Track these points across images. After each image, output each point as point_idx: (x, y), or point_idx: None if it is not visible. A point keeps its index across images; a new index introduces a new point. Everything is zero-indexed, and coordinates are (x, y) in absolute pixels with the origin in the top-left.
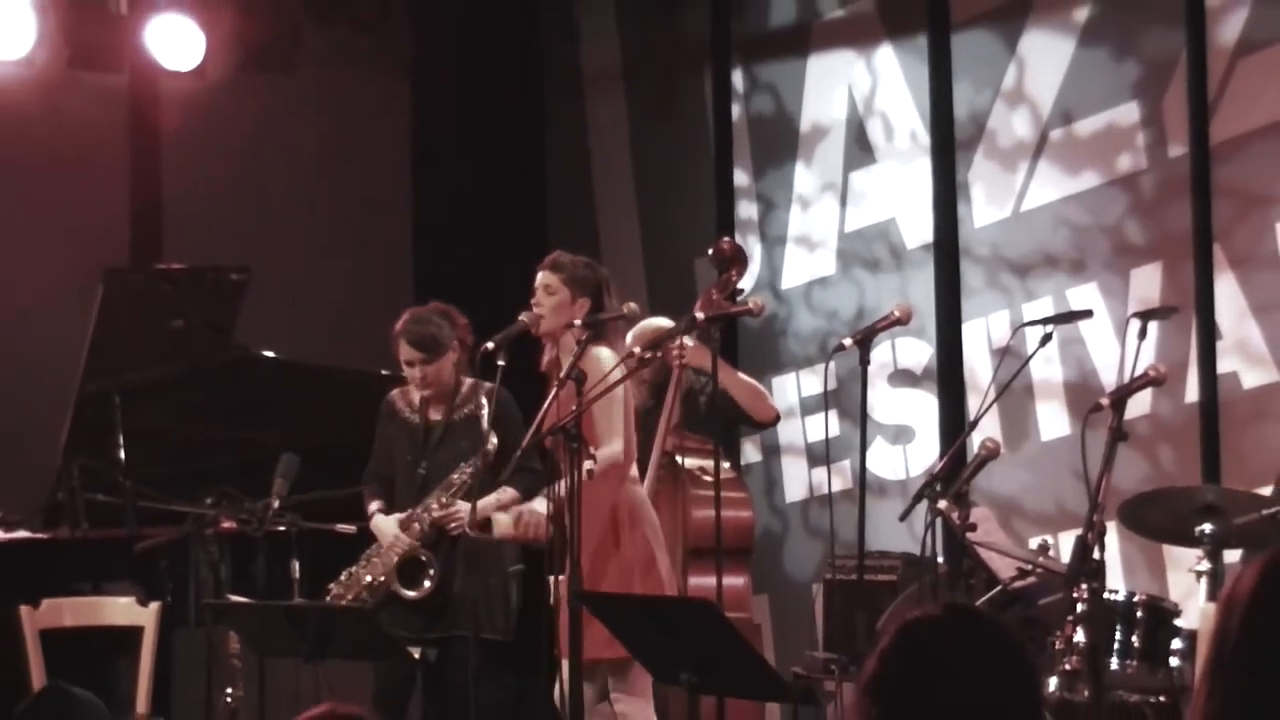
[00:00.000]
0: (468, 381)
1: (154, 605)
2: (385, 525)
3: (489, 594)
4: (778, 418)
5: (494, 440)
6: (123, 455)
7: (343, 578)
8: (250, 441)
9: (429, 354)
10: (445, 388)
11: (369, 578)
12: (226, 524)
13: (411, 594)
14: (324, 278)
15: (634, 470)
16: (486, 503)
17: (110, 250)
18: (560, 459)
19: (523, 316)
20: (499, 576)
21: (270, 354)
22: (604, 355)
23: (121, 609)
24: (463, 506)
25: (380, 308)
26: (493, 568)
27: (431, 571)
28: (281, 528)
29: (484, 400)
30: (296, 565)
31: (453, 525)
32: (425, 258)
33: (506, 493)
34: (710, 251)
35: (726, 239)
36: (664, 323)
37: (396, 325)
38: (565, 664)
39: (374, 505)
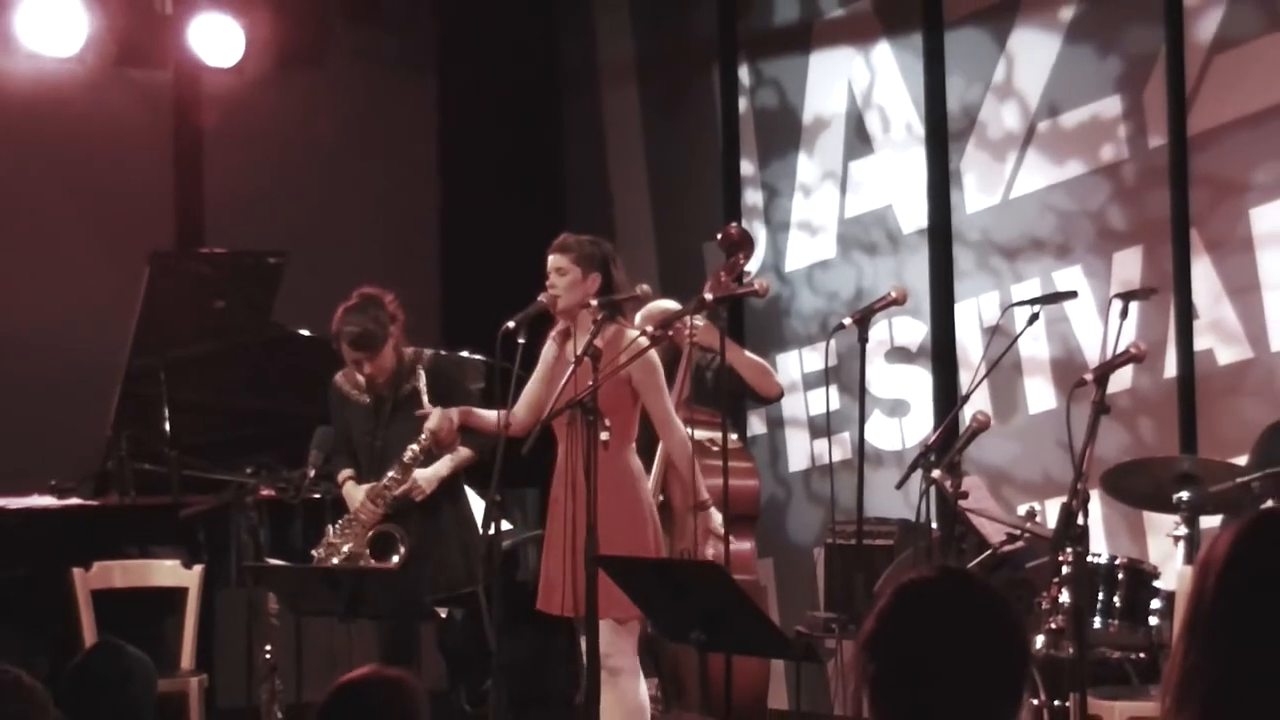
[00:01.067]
0: (408, 352)
1: (197, 568)
2: (355, 493)
3: (463, 554)
4: (782, 393)
5: (434, 420)
6: (168, 427)
7: (323, 543)
8: (287, 414)
9: (371, 350)
10: (389, 370)
11: (347, 547)
12: (265, 492)
13: (388, 564)
14: (355, 261)
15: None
16: (440, 465)
17: (157, 238)
18: (575, 431)
19: (541, 298)
20: (459, 532)
21: (305, 332)
22: (634, 336)
23: (167, 571)
24: (420, 474)
25: (408, 289)
26: (462, 528)
27: (401, 547)
28: (316, 495)
29: (420, 373)
30: (331, 529)
31: (414, 494)
32: (451, 243)
33: (461, 452)
34: (718, 236)
35: (734, 224)
36: (671, 304)
37: (333, 323)
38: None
39: (345, 473)
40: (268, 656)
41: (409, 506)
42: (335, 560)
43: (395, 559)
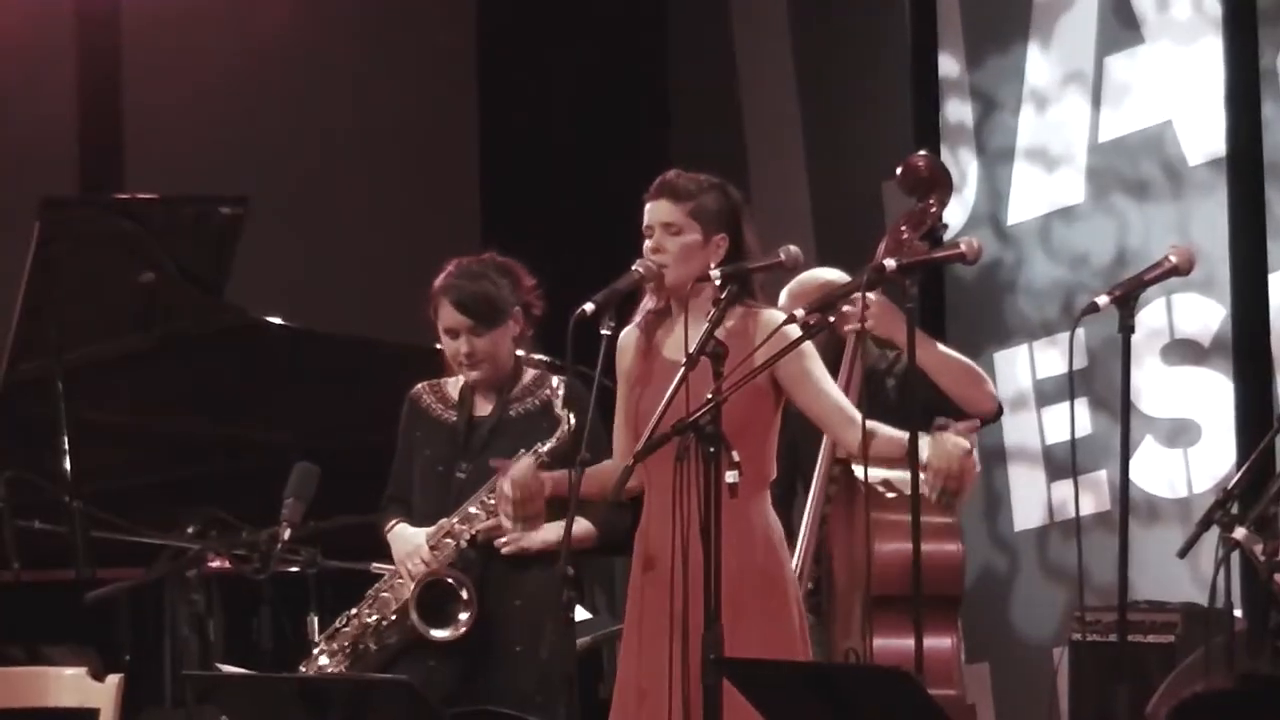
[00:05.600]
0: (530, 370)
1: (113, 679)
2: (407, 534)
3: (545, 647)
4: (999, 410)
5: (571, 420)
6: (68, 465)
7: (339, 624)
8: (250, 444)
9: (482, 321)
10: (500, 371)
11: (374, 617)
12: (217, 562)
13: (441, 634)
14: (352, 214)
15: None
16: (550, 530)
17: (53, 180)
18: (686, 470)
19: (637, 266)
20: (556, 619)
21: (277, 320)
22: (778, 319)
23: (68, 684)
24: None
25: (431, 254)
26: (548, 602)
27: (465, 596)
28: (294, 568)
29: (557, 384)
30: (315, 620)
31: (504, 541)
32: (495, 188)
33: (580, 524)
34: (900, 172)
35: (924, 154)
36: (832, 274)
37: (437, 280)
38: None
39: (393, 521)
40: None
41: (476, 567)
42: (348, 643)
43: (454, 627)
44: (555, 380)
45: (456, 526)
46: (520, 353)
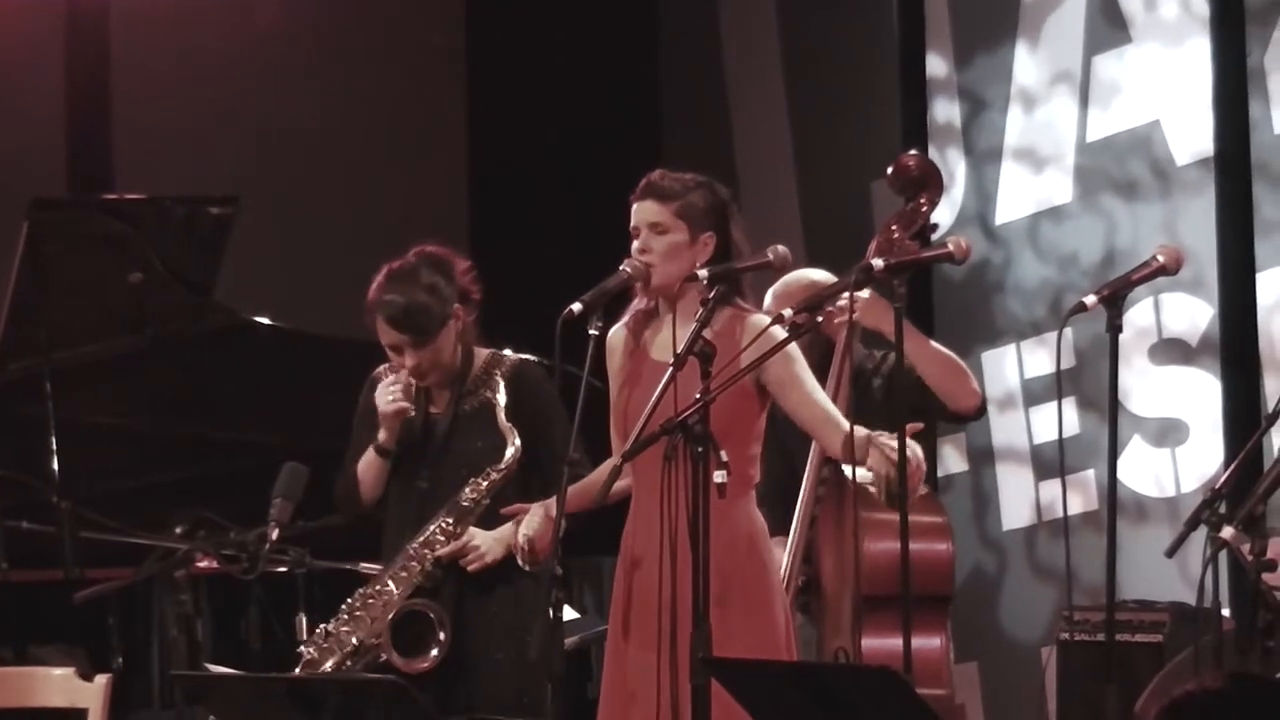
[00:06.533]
0: (481, 354)
1: (102, 679)
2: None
3: (519, 659)
4: (982, 406)
5: (515, 441)
6: (56, 465)
7: (318, 634)
8: (239, 444)
9: (419, 334)
10: (448, 371)
11: (355, 639)
12: (205, 562)
13: (418, 666)
14: (341, 214)
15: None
16: (508, 529)
17: (41, 181)
18: (673, 470)
19: (625, 266)
20: (544, 619)
21: (266, 320)
22: (763, 324)
23: (56, 684)
24: (480, 536)
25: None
26: (528, 603)
27: (442, 635)
28: (283, 568)
29: (500, 381)
30: (304, 620)
31: (469, 560)
32: (484, 186)
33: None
34: (891, 171)
35: (914, 154)
36: (819, 275)
37: (370, 292)
38: None
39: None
40: None
41: (450, 582)
42: (330, 663)
43: (430, 655)
44: (504, 369)
45: (419, 550)
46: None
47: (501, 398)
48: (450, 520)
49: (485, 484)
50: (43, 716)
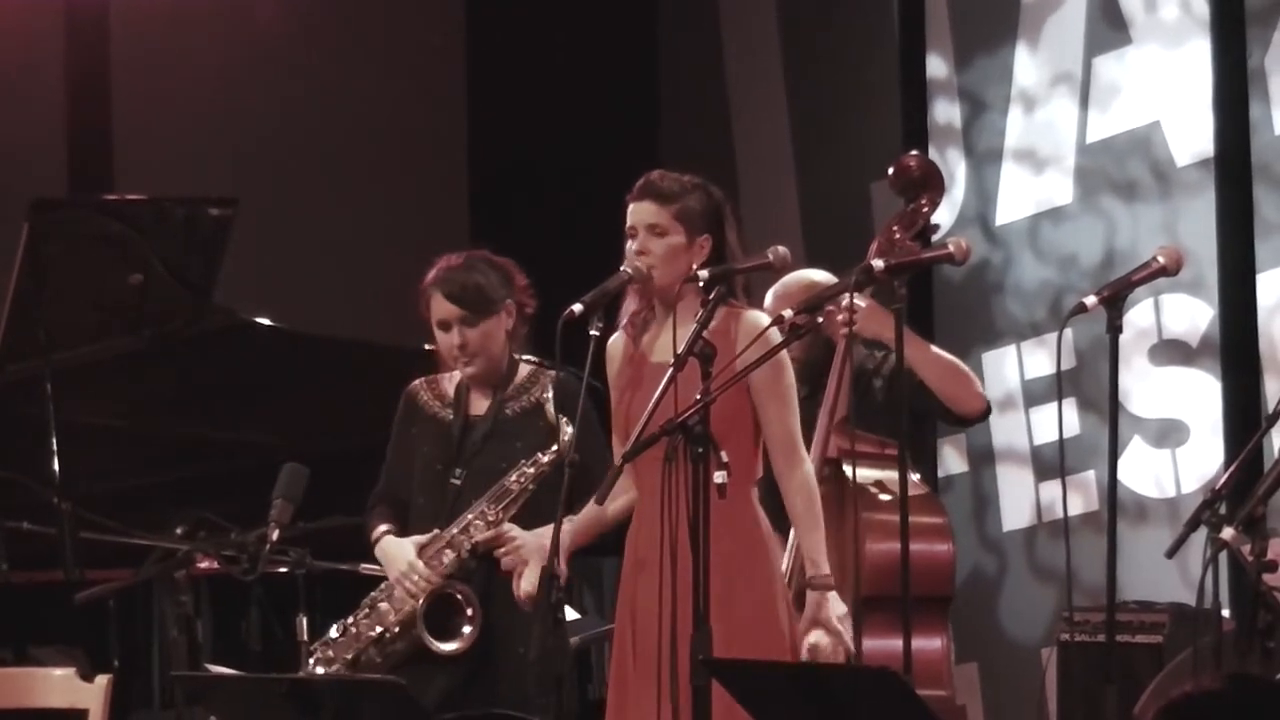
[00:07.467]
0: (525, 367)
1: (102, 679)
2: (396, 550)
3: (534, 648)
4: (987, 409)
5: (568, 430)
6: (56, 466)
7: (334, 634)
8: (239, 445)
9: (473, 311)
10: (493, 365)
11: (376, 629)
12: (205, 563)
13: (447, 647)
14: (341, 214)
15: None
16: (546, 535)
17: (41, 181)
18: (675, 470)
19: (625, 268)
20: (544, 619)
21: (266, 320)
22: (762, 321)
23: (57, 684)
24: (518, 530)
25: (420, 254)
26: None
27: (470, 613)
28: (283, 569)
29: (549, 391)
30: (304, 621)
31: (505, 550)
32: (484, 187)
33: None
34: (892, 172)
35: (915, 155)
36: (819, 276)
37: (427, 275)
38: None
39: (382, 528)
40: None
41: (478, 575)
42: (350, 654)
43: (464, 634)
44: (549, 378)
45: (456, 537)
46: (516, 356)
47: (550, 400)
48: (491, 506)
49: (533, 470)
50: (43, 717)
